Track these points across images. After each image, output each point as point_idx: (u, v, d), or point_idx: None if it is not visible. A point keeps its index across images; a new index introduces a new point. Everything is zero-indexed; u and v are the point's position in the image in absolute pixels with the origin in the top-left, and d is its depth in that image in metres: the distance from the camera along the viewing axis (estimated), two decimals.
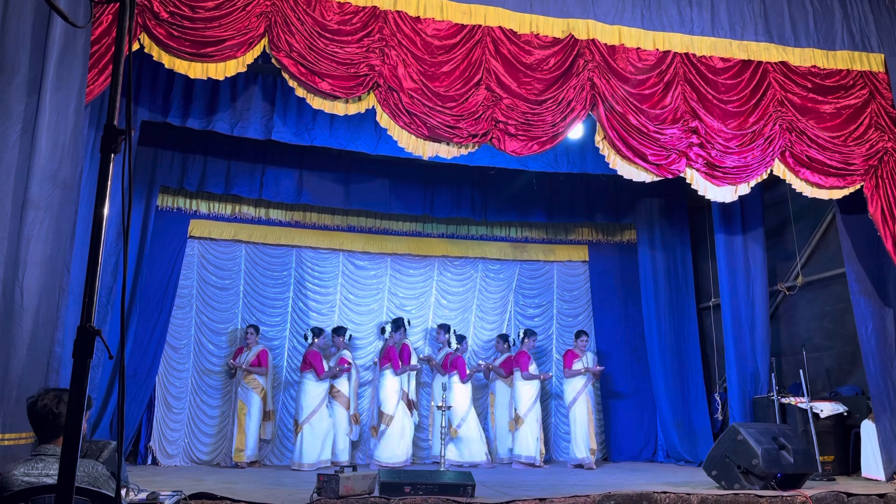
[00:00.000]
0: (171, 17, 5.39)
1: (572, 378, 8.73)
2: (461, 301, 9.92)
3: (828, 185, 6.76)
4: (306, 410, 8.14)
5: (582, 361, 8.78)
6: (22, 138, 4.56)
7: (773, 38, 6.86)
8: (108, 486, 2.71)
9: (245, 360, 8.44)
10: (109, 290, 7.02)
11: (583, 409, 8.56)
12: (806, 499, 5.42)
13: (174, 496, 3.73)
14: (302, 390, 8.27)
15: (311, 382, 8.23)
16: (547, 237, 10.26)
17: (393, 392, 8.39)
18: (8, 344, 4.33)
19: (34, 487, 2.60)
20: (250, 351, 8.47)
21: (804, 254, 8.42)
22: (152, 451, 8.21)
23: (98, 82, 5.23)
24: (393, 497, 5.02)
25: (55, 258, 4.69)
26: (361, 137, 7.51)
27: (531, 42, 6.33)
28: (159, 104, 6.96)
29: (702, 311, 9.68)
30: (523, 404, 8.65)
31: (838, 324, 7.94)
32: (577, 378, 8.69)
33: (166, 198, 8.67)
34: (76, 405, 1.59)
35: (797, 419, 7.30)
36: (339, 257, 9.56)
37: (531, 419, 8.59)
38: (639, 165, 6.44)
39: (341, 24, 5.86)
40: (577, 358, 8.78)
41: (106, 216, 1.72)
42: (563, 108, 6.26)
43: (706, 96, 6.62)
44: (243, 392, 8.35)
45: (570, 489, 5.73)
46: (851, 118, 6.83)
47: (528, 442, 8.49)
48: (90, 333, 1.60)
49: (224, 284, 9.03)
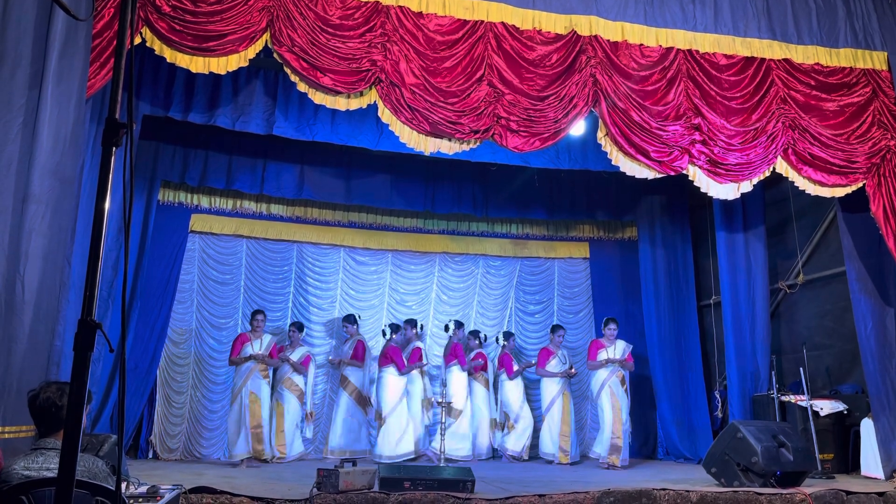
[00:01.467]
0: (173, 11, 5.38)
1: (595, 371, 8.26)
2: (462, 297, 9.92)
3: (830, 183, 6.75)
4: (389, 404, 8.26)
5: (607, 351, 8.23)
6: (23, 132, 4.55)
7: (777, 36, 6.84)
8: (107, 481, 2.71)
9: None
10: (110, 285, 7.02)
11: (607, 405, 8.05)
12: (805, 497, 5.42)
13: (174, 490, 3.74)
14: (383, 385, 8.39)
15: (393, 377, 8.37)
16: (548, 234, 10.26)
17: (462, 387, 8.62)
18: (9, 337, 4.33)
19: (34, 481, 2.60)
20: (294, 350, 8.43)
21: (805, 252, 8.41)
22: (153, 445, 8.22)
23: (99, 76, 5.22)
24: (392, 492, 5.02)
25: (56, 252, 4.69)
26: (363, 133, 7.51)
27: (534, 38, 6.31)
28: (161, 98, 6.95)
29: (702, 308, 9.67)
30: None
31: (839, 322, 7.93)
32: (601, 371, 8.17)
33: (167, 192, 8.66)
34: (77, 398, 1.59)
35: (797, 417, 7.30)
36: (339, 253, 9.56)
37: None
38: (641, 162, 6.43)
39: (343, 18, 5.85)
40: (603, 347, 8.28)
41: (107, 210, 1.72)
42: (565, 104, 6.25)
43: (709, 93, 6.61)
44: (279, 394, 8.27)
45: (569, 485, 5.74)
46: (854, 116, 6.82)
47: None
48: (91, 327, 1.60)
49: (225, 279, 9.03)
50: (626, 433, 8.05)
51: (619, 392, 8.11)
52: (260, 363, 7.84)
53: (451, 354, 8.75)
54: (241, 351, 7.88)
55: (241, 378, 7.82)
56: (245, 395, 7.71)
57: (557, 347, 8.80)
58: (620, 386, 8.15)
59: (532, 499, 5.06)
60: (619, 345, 8.32)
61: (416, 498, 4.94)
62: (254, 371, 7.81)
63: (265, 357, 7.89)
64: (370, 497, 4.94)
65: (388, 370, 8.41)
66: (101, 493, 2.58)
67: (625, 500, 5.21)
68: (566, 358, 8.83)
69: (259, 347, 7.90)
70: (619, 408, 8.01)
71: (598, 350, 8.30)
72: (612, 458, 7.85)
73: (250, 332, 8.02)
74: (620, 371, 8.20)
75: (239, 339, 8.03)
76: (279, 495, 4.89)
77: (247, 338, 8.00)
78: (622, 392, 8.14)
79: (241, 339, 8.01)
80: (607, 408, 8.03)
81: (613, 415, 7.97)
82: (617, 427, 7.93)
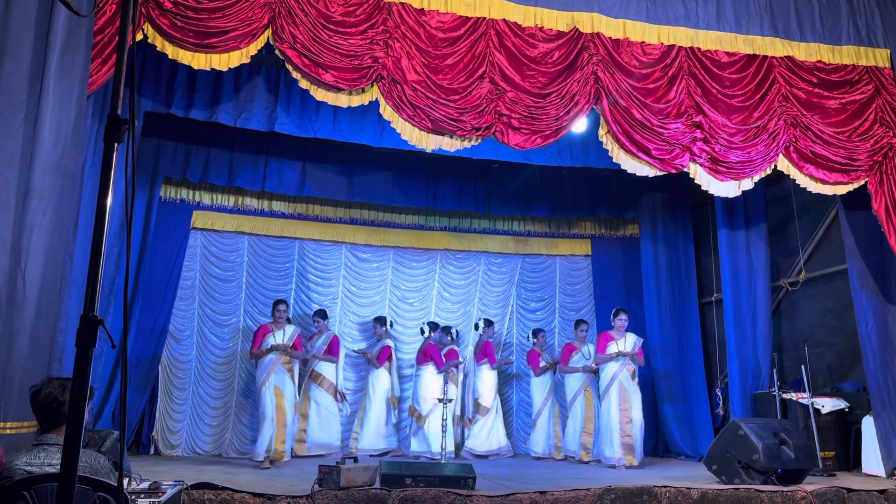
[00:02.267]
0: (175, 7, 5.38)
1: (605, 365, 7.90)
2: (463, 294, 9.93)
3: (832, 181, 6.75)
4: (429, 402, 8.31)
5: (617, 344, 7.84)
6: (24, 127, 4.56)
7: (779, 33, 6.83)
8: (109, 477, 2.72)
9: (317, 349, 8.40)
10: (112, 281, 7.02)
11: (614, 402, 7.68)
12: (806, 494, 5.43)
13: (176, 486, 3.74)
14: (422, 383, 8.48)
15: (431, 375, 8.45)
16: (549, 231, 10.25)
17: (491, 385, 8.78)
18: (10, 332, 4.34)
19: (36, 476, 2.61)
20: (321, 337, 8.42)
21: (807, 250, 8.40)
22: (155, 441, 8.24)
23: (101, 72, 5.22)
24: (394, 489, 5.03)
25: (58, 247, 4.69)
26: (365, 130, 7.50)
27: (535, 35, 6.31)
28: (162, 95, 6.95)
29: (703, 306, 9.67)
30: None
31: (840, 320, 7.93)
32: (611, 365, 7.83)
33: (169, 189, 8.65)
34: (79, 394, 1.59)
35: (798, 415, 7.31)
36: (341, 250, 9.56)
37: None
38: (642, 160, 6.43)
39: (345, 15, 5.85)
40: (613, 340, 7.89)
41: (109, 206, 1.72)
42: (566, 101, 6.25)
43: (711, 91, 6.60)
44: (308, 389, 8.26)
45: (570, 482, 5.74)
46: (856, 113, 6.81)
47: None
48: (93, 322, 1.61)
49: (227, 276, 9.03)
50: (639, 430, 7.67)
51: (630, 387, 7.74)
52: (283, 355, 7.39)
53: (482, 353, 8.85)
54: (262, 343, 7.43)
55: (263, 372, 7.34)
56: (269, 391, 7.22)
57: (581, 343, 8.64)
58: (632, 380, 7.79)
59: (533, 496, 5.07)
60: (630, 337, 7.98)
61: (417, 494, 4.94)
62: (277, 364, 7.33)
63: (289, 348, 7.45)
64: (371, 493, 4.95)
65: (427, 368, 8.46)
66: (103, 489, 2.59)
67: (626, 498, 5.22)
68: (590, 353, 8.54)
69: (282, 338, 7.46)
70: (628, 404, 7.66)
71: (607, 343, 7.92)
72: (628, 458, 7.50)
73: (272, 323, 7.60)
74: (631, 365, 7.84)
75: (260, 331, 7.58)
76: (281, 491, 4.90)
77: (268, 329, 7.54)
78: (633, 386, 7.78)
79: (263, 331, 7.54)
80: (614, 405, 7.67)
81: (621, 413, 7.62)
82: (626, 425, 7.58)
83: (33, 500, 2.54)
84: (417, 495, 4.94)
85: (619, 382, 7.73)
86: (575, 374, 8.54)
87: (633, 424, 7.61)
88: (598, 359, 7.99)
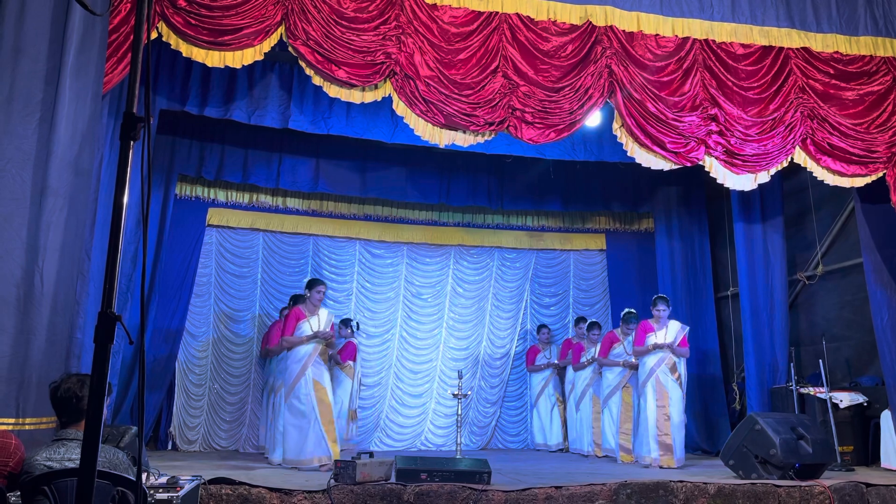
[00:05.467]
0: (189, 5, 5.41)
1: (643, 358, 7.32)
2: (477, 290, 9.93)
3: (850, 174, 6.67)
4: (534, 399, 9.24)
5: (657, 335, 7.23)
6: (41, 126, 4.60)
7: (795, 24, 6.76)
8: (128, 472, 2.74)
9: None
10: (129, 278, 7.08)
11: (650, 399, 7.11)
12: (824, 489, 5.39)
13: (193, 481, 3.77)
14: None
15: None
16: (563, 226, 10.23)
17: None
18: (28, 329, 4.38)
19: (56, 471, 2.64)
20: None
21: (824, 243, 8.33)
22: (172, 437, 8.31)
23: (116, 71, 5.26)
24: (409, 483, 5.04)
25: (74, 245, 4.73)
26: (378, 126, 7.52)
27: (548, 29, 6.28)
28: (177, 93, 6.99)
29: (720, 300, 9.61)
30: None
31: (858, 313, 7.85)
32: (649, 358, 7.23)
33: (184, 186, 8.73)
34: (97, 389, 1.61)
35: (816, 409, 7.24)
36: (355, 246, 9.60)
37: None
38: (657, 153, 6.39)
39: (358, 11, 5.85)
40: (652, 331, 7.27)
41: (126, 204, 1.73)
42: (580, 95, 6.22)
43: (726, 83, 6.55)
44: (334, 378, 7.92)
45: (586, 477, 5.73)
46: (874, 105, 6.73)
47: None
48: (111, 319, 1.62)
49: (242, 272, 9.10)
50: (677, 429, 7.02)
51: (668, 382, 7.08)
52: (322, 344, 6.52)
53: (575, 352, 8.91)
54: (297, 329, 6.50)
55: (297, 364, 6.40)
56: (308, 386, 6.35)
57: (625, 335, 7.98)
58: (670, 374, 7.12)
59: (549, 490, 5.06)
60: (673, 326, 7.28)
61: (432, 489, 4.95)
62: (314, 355, 6.44)
63: (330, 335, 6.59)
64: (387, 488, 4.96)
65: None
66: (122, 484, 2.62)
67: (642, 493, 5.20)
68: (670, 334, 7.41)
69: (317, 325, 6.50)
70: (667, 400, 7.04)
71: (645, 334, 7.30)
72: (665, 459, 6.91)
73: (304, 307, 6.64)
74: (672, 358, 7.16)
75: (293, 315, 6.59)
76: (297, 486, 4.92)
77: (303, 314, 6.57)
78: (672, 382, 7.10)
79: (297, 315, 6.57)
80: (651, 401, 7.09)
81: (658, 410, 7.04)
82: (663, 423, 6.99)
83: (53, 494, 2.57)
84: (433, 490, 4.95)
85: (657, 377, 7.13)
86: (614, 368, 8.01)
87: (672, 423, 7.00)
88: (636, 351, 7.44)
